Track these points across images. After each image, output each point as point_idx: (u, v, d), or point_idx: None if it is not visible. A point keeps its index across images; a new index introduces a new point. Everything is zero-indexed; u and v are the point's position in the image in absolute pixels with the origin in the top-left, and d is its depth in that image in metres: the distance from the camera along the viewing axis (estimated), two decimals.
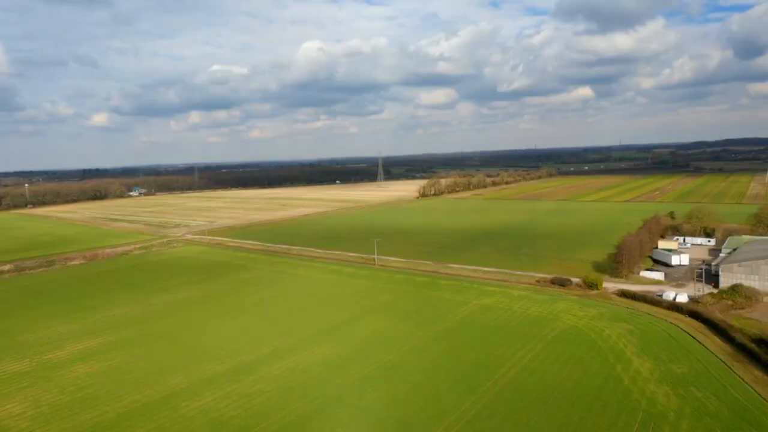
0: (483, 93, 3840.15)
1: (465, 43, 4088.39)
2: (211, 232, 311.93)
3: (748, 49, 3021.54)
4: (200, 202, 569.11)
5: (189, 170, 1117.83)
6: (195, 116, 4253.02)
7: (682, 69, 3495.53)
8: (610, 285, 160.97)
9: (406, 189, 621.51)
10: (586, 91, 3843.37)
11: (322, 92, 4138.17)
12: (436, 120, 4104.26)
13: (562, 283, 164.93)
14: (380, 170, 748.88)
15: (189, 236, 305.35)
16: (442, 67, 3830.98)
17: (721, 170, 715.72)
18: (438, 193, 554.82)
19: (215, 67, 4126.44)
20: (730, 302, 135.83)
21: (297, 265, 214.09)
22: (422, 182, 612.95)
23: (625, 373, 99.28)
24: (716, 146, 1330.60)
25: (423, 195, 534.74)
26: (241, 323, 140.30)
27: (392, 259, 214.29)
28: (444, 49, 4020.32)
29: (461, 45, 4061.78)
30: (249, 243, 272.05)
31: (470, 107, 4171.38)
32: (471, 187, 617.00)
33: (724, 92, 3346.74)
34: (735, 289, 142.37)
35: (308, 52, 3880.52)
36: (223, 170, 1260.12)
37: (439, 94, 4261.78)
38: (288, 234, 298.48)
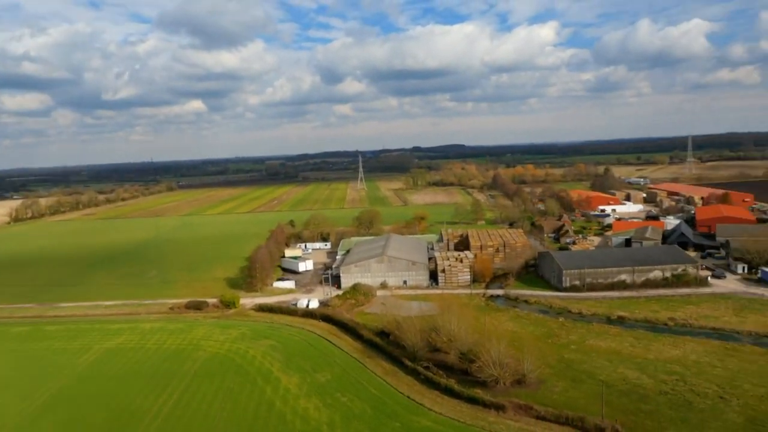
0: (85, 100, 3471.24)
1: (58, 43, 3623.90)
2: None
3: (331, 76, 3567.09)
4: None
5: None
6: None
7: (282, 89, 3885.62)
8: (247, 300, 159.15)
9: None
10: (198, 105, 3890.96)
11: None
12: (28, 129, 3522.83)
13: (198, 306, 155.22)
14: None
15: None
16: (30, 68, 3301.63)
17: (323, 179, 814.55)
18: (37, 216, 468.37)
19: None
20: (353, 301, 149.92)
21: None
22: (14, 203, 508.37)
23: (275, 395, 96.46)
24: (317, 158, 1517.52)
25: (16, 219, 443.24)
26: None
27: None
28: (30, 47, 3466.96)
29: (53, 45, 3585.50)
30: None
31: (71, 116, 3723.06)
32: (81, 206, 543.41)
33: (317, 111, 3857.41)
34: (355, 287, 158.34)
35: None
36: None
37: (30, 99, 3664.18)
38: None
